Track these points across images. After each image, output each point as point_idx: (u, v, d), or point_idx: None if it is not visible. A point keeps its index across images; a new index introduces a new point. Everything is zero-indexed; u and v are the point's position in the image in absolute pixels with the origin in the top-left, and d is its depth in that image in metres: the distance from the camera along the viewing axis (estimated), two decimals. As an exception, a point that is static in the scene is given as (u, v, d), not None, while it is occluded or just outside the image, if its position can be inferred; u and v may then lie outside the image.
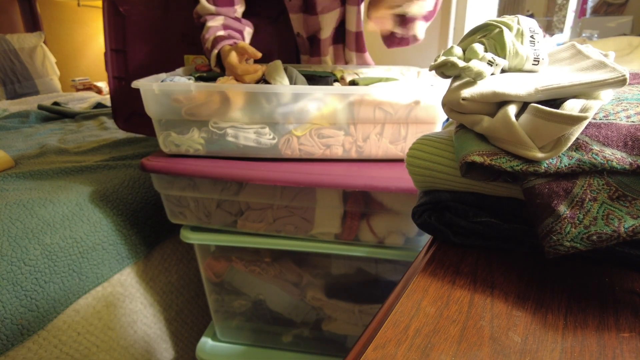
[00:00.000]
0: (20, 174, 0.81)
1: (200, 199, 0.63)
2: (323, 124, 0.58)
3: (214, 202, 0.63)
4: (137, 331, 0.73)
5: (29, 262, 0.58)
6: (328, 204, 0.60)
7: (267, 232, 0.63)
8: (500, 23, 0.32)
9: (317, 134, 0.58)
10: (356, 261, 0.66)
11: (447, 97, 0.32)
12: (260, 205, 0.62)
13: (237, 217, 0.63)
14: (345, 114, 0.57)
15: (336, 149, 0.59)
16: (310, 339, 0.74)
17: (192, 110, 0.58)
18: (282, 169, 0.57)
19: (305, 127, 0.58)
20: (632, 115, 0.27)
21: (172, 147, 0.61)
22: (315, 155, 0.60)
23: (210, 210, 0.63)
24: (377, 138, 0.59)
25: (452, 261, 0.32)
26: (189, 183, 0.62)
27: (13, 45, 2.08)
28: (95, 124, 1.41)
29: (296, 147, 0.59)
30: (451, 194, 0.33)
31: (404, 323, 0.25)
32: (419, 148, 0.35)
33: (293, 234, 0.62)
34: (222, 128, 0.58)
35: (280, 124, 0.58)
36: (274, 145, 0.59)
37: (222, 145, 0.59)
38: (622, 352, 0.23)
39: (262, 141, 0.58)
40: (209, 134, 0.59)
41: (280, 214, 0.62)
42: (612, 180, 0.26)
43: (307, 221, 0.61)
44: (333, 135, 0.58)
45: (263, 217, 0.62)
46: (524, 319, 0.25)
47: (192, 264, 0.85)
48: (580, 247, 0.26)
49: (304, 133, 0.58)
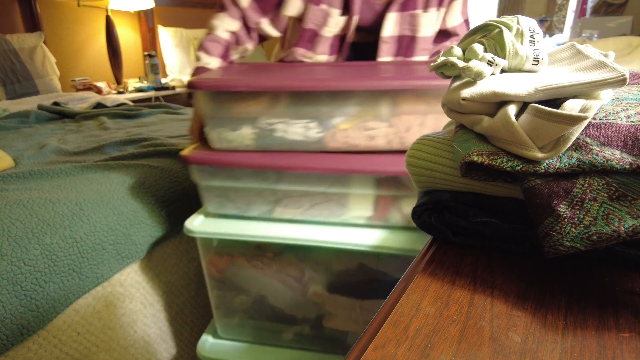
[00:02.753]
0: (20, 173, 0.81)
1: (241, 188, 0.65)
2: (367, 116, 0.59)
3: (254, 191, 0.65)
4: (137, 331, 0.73)
5: (29, 261, 0.59)
6: (363, 190, 0.63)
7: (302, 218, 0.66)
8: (500, 23, 0.32)
9: (363, 127, 0.60)
10: (358, 256, 0.67)
11: (446, 97, 0.32)
12: (298, 192, 0.64)
13: (275, 204, 0.66)
14: (390, 106, 0.59)
15: (380, 140, 0.61)
16: (311, 336, 0.74)
17: (244, 109, 0.60)
18: (323, 158, 0.60)
19: (351, 120, 0.60)
20: (632, 115, 0.27)
21: (224, 144, 0.62)
22: (360, 147, 0.62)
23: (250, 199, 0.65)
24: (419, 129, 0.61)
25: (452, 261, 0.32)
26: (230, 174, 0.64)
27: (13, 45, 2.08)
28: (95, 124, 1.41)
29: (341, 140, 0.61)
30: (451, 194, 0.33)
31: (404, 323, 0.25)
32: (419, 148, 0.35)
33: (327, 219, 0.66)
34: (273, 124, 0.60)
35: (327, 118, 0.60)
36: (320, 139, 0.61)
37: (271, 140, 0.61)
38: (622, 352, 0.23)
39: (310, 135, 0.60)
40: (260, 130, 0.60)
41: (316, 200, 0.65)
42: (612, 180, 0.26)
43: (342, 206, 0.65)
44: (377, 127, 0.60)
45: (300, 204, 0.65)
46: (523, 319, 0.25)
47: (192, 264, 0.85)
48: (580, 247, 0.26)
49: (350, 126, 0.60)
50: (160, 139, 1.07)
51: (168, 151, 0.93)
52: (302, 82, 0.56)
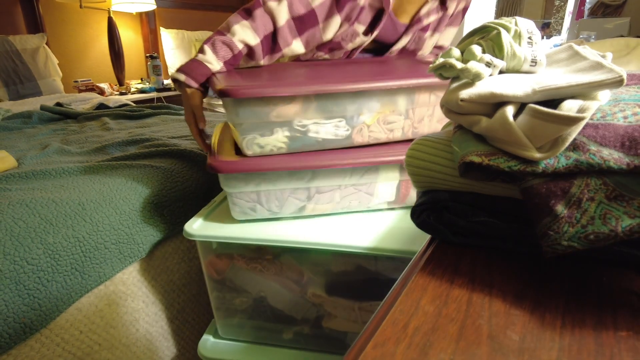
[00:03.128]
0: (23, 174, 0.81)
1: (273, 191, 0.66)
2: (386, 112, 0.65)
3: (287, 192, 0.67)
4: (139, 329, 0.74)
5: (32, 261, 0.59)
6: (389, 178, 0.68)
7: (333, 211, 0.70)
8: (498, 25, 0.33)
9: (384, 121, 0.65)
10: (356, 258, 0.67)
11: (445, 99, 0.32)
12: (329, 188, 0.68)
13: (306, 202, 0.68)
14: (407, 100, 0.65)
15: (397, 132, 0.67)
16: (310, 336, 0.74)
17: (280, 112, 0.60)
18: (352, 154, 0.64)
19: (374, 116, 0.65)
20: (629, 115, 0.27)
21: (256, 149, 0.63)
22: (381, 140, 0.67)
23: (283, 200, 0.67)
24: (429, 119, 0.68)
25: (451, 260, 0.32)
26: (264, 178, 0.65)
27: (16, 47, 2.09)
28: (97, 124, 1.42)
29: (366, 135, 0.66)
30: (450, 193, 0.34)
31: (403, 321, 0.25)
32: (417, 149, 0.36)
33: (356, 209, 0.70)
34: (305, 125, 0.62)
35: (355, 116, 0.64)
36: (348, 136, 0.65)
37: (304, 141, 0.64)
38: (620, 351, 0.23)
39: (339, 133, 0.64)
40: (293, 132, 0.62)
41: (346, 192, 0.69)
42: (609, 180, 0.26)
43: (370, 195, 0.69)
44: (396, 120, 0.66)
45: (331, 198, 0.68)
46: (522, 318, 0.25)
47: (193, 263, 0.85)
48: (577, 246, 0.26)
49: (374, 121, 0.65)
50: (162, 140, 1.07)
51: (170, 152, 0.94)
52: (340, 85, 0.59)
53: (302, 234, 0.64)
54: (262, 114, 0.60)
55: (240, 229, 0.66)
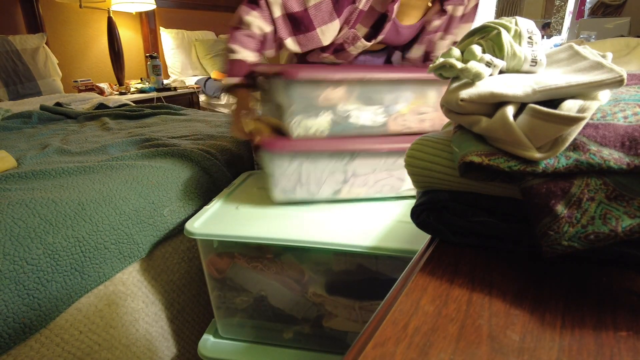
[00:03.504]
0: (23, 174, 0.81)
1: (313, 172, 0.71)
2: (419, 103, 0.69)
3: (325, 174, 0.71)
4: (138, 329, 0.74)
5: (32, 261, 0.59)
6: None
7: (366, 196, 0.74)
8: (498, 24, 0.33)
9: (416, 111, 0.70)
10: (357, 258, 0.67)
11: (445, 98, 0.32)
12: (365, 171, 0.72)
13: (342, 185, 0.73)
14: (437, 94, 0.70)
15: (428, 122, 0.72)
16: (311, 335, 0.74)
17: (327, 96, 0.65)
18: (389, 140, 0.69)
19: (408, 106, 0.69)
20: (630, 115, 0.27)
21: (301, 132, 0.68)
22: (413, 129, 0.72)
23: (321, 182, 0.71)
24: None
25: (451, 260, 0.32)
26: (306, 157, 0.69)
27: (15, 47, 2.09)
28: (97, 124, 1.42)
29: (400, 123, 0.70)
30: (450, 193, 0.34)
31: (403, 321, 0.25)
32: (417, 149, 0.36)
33: (388, 194, 0.75)
34: (348, 110, 0.67)
35: (391, 104, 0.69)
36: (384, 123, 0.70)
37: (344, 126, 0.68)
38: (620, 351, 0.23)
39: (377, 120, 0.69)
40: (337, 117, 0.67)
41: (380, 176, 0.73)
42: (609, 180, 0.26)
43: (401, 180, 0.74)
44: (427, 111, 0.71)
45: (365, 182, 0.72)
46: (522, 318, 0.25)
47: (193, 263, 0.85)
48: (577, 246, 0.26)
49: (407, 111, 0.69)
50: (162, 140, 1.07)
51: (170, 152, 0.94)
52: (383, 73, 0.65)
53: (303, 233, 0.64)
54: (310, 96, 0.65)
55: (241, 227, 0.66)
